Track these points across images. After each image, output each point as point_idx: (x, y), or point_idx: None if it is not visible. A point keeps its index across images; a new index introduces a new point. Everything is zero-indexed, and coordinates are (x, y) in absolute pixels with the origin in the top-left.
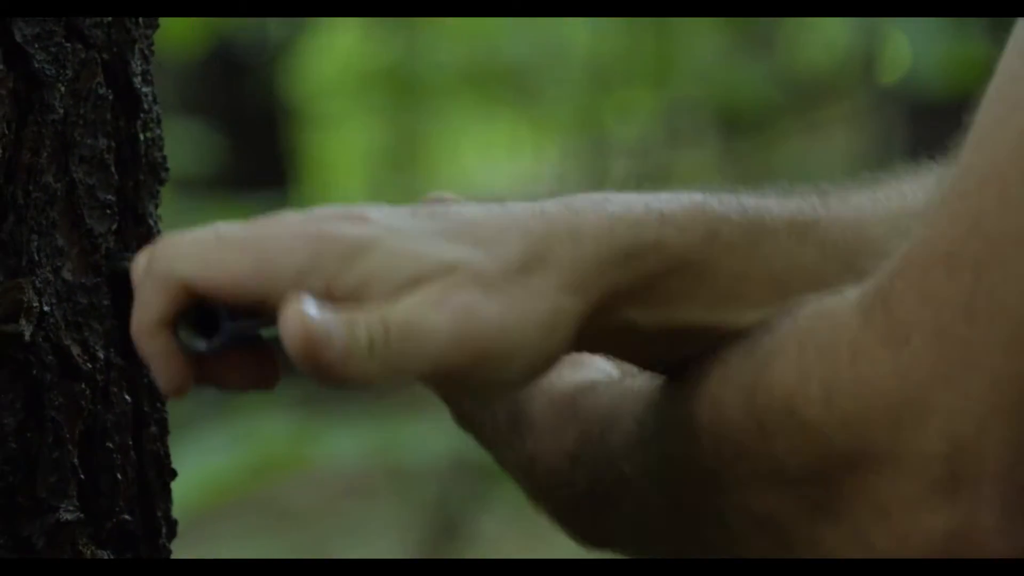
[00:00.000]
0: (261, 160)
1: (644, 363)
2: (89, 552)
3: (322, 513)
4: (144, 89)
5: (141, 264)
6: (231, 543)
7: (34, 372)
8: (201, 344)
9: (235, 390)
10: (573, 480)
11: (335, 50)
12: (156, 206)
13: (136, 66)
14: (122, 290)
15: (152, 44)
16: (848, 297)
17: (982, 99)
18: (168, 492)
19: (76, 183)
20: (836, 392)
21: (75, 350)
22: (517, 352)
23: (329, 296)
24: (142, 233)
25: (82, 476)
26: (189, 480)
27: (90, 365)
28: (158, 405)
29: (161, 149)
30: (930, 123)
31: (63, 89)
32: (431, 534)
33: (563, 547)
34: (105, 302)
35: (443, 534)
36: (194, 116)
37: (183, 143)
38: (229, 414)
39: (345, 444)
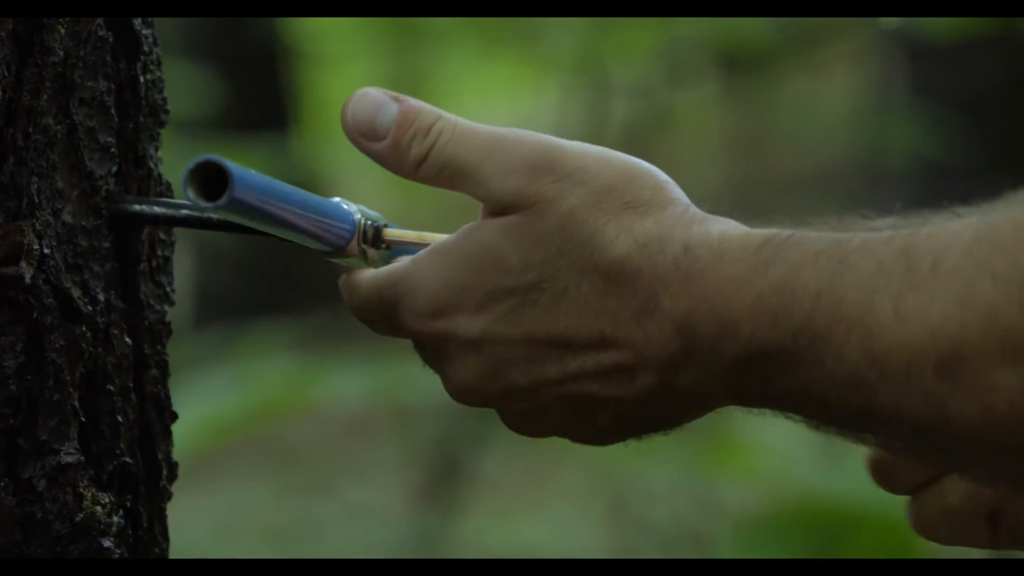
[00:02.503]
0: (262, 101)
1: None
2: (90, 494)
3: (325, 453)
4: (144, 31)
5: None
6: (235, 483)
7: (34, 314)
8: (207, 205)
9: None
10: None
11: None
12: (156, 148)
13: None
14: (122, 232)
15: None
16: None
17: None
18: (169, 434)
19: (76, 125)
20: None
21: (75, 292)
22: None
23: None
24: (142, 175)
25: (83, 418)
26: (191, 422)
27: (90, 307)
28: (159, 348)
29: (161, 91)
30: (930, 63)
31: (63, 31)
32: (432, 473)
33: (559, 485)
34: (106, 244)
35: (444, 473)
36: (195, 58)
37: (184, 85)
38: (230, 356)
39: (347, 385)
